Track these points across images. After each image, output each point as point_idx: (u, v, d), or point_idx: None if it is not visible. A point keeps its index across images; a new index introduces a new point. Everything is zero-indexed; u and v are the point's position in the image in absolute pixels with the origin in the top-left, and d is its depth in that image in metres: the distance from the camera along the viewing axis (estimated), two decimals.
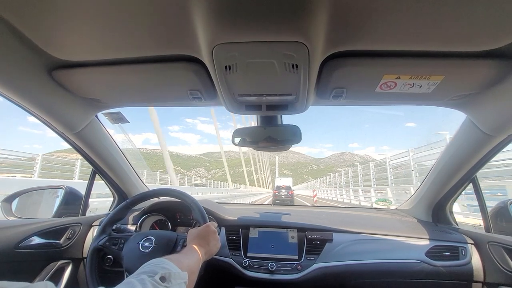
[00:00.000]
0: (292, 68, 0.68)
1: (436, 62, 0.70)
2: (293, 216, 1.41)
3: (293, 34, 0.57)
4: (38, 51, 0.68)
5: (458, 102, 0.91)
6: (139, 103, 1.06)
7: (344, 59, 0.72)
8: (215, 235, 0.94)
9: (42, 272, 1.07)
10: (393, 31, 0.59)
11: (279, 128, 1.13)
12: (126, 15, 0.56)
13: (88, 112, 1.07)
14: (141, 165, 11.09)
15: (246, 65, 0.68)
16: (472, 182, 1.20)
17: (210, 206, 1.36)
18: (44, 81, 0.82)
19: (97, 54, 0.71)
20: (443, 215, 1.36)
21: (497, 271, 1.01)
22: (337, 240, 1.20)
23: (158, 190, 1.17)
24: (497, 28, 0.57)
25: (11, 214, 1.22)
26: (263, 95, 0.86)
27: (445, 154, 1.20)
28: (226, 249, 1.20)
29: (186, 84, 0.85)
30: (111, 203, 1.59)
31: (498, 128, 0.91)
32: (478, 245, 1.13)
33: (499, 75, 0.73)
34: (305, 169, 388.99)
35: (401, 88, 0.81)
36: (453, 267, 1.09)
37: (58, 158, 10.74)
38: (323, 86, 0.83)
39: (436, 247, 1.15)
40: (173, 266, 0.63)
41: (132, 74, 0.81)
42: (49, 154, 20.62)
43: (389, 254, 1.15)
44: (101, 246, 1.00)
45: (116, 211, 1.09)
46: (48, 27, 0.60)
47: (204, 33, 0.58)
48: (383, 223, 1.39)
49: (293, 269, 1.13)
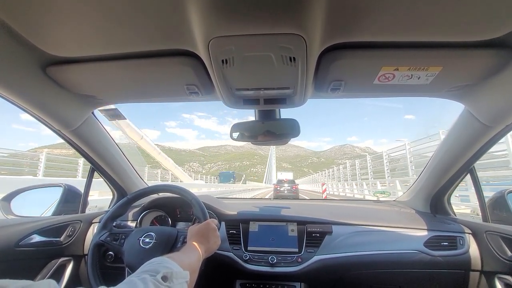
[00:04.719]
0: (289, 61, 0.68)
1: (434, 53, 0.70)
2: (292, 209, 1.42)
3: (290, 26, 0.56)
4: (31, 47, 0.67)
5: (457, 93, 0.91)
6: (136, 99, 1.05)
7: (342, 51, 0.71)
8: (216, 232, 0.94)
9: (44, 270, 1.08)
10: (391, 22, 0.58)
11: (277, 122, 1.12)
12: (120, 9, 0.54)
13: (84, 109, 1.06)
14: (139, 160, 11.00)
15: (243, 59, 0.68)
16: (470, 173, 1.20)
17: (210, 201, 1.37)
18: (39, 78, 0.81)
19: (91, 50, 0.70)
20: (441, 206, 1.37)
21: (494, 260, 1.03)
22: (336, 233, 1.21)
23: (159, 186, 1.17)
24: (495, 18, 0.56)
25: (11, 213, 1.21)
26: (260, 89, 0.86)
27: (443, 145, 1.21)
28: (227, 243, 1.21)
29: (182, 79, 0.84)
30: (111, 200, 1.59)
31: (496, 119, 0.91)
32: (476, 235, 1.14)
33: (498, 65, 0.73)
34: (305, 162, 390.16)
35: (399, 79, 0.81)
36: (451, 257, 1.11)
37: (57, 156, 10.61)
38: (321, 79, 0.82)
39: (434, 237, 1.16)
40: (175, 265, 0.62)
41: (128, 69, 0.80)
42: (32, 151, 20.21)
43: (388, 245, 1.16)
44: (102, 242, 1.00)
45: (117, 207, 1.09)
46: (41, 22, 0.59)
47: (200, 26, 0.57)
48: (382, 215, 1.40)
49: (293, 262, 1.14)
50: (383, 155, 12.00)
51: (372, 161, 13.88)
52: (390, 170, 11.55)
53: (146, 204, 1.37)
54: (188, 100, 1.02)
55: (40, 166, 7.95)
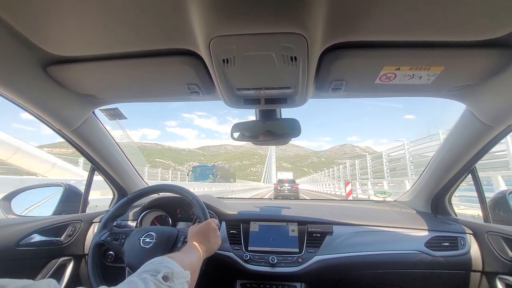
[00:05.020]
0: (290, 61, 0.68)
1: (436, 53, 0.69)
2: (293, 209, 1.41)
3: (291, 25, 0.56)
4: (32, 46, 0.67)
5: (458, 92, 0.91)
6: (136, 98, 1.05)
7: (343, 50, 0.71)
8: (216, 232, 0.94)
9: (44, 270, 1.08)
10: (392, 22, 0.58)
11: (278, 122, 1.12)
12: (121, 9, 0.54)
13: (84, 109, 1.06)
14: (139, 160, 10.81)
15: (244, 58, 0.67)
16: (471, 173, 1.20)
17: (210, 201, 1.36)
18: (39, 77, 0.81)
19: (92, 49, 0.70)
20: (442, 206, 1.37)
21: (495, 260, 1.03)
22: (337, 233, 1.21)
23: (159, 186, 1.17)
24: (497, 17, 0.56)
25: (11, 212, 1.21)
26: (261, 88, 0.86)
27: (444, 145, 1.21)
28: (227, 243, 1.21)
29: (183, 79, 0.84)
30: (111, 199, 1.59)
31: (498, 119, 0.91)
32: (477, 235, 1.14)
33: (500, 64, 0.72)
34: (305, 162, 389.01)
35: (400, 79, 0.80)
36: (452, 257, 1.10)
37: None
38: (322, 78, 0.82)
39: (435, 237, 1.16)
40: (176, 265, 0.62)
41: (128, 69, 0.79)
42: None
43: (389, 245, 1.16)
44: (103, 241, 1.00)
45: (117, 207, 1.09)
46: (42, 22, 0.58)
47: (201, 25, 0.57)
48: (383, 215, 1.40)
49: (294, 262, 1.14)
50: (382, 155, 12.00)
51: (372, 161, 13.85)
52: (389, 170, 11.55)
53: (146, 204, 1.37)
54: (189, 100, 1.01)
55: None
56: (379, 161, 12.61)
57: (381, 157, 12.23)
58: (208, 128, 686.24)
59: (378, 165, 13.00)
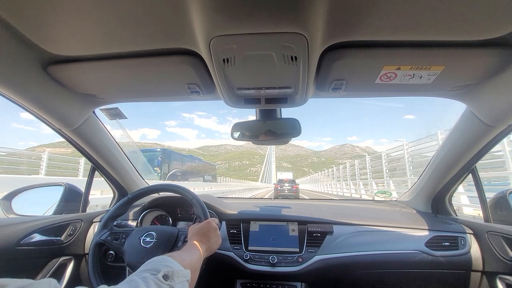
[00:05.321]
0: (291, 60, 0.67)
1: (436, 52, 0.69)
2: (293, 209, 1.41)
3: (292, 25, 0.56)
4: (32, 46, 0.67)
5: (459, 92, 0.91)
6: (136, 98, 1.05)
7: (344, 50, 0.71)
8: (216, 232, 0.94)
9: (44, 269, 1.08)
10: (393, 21, 0.58)
11: (278, 121, 1.12)
12: (121, 8, 0.54)
13: (85, 108, 1.06)
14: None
15: (245, 58, 0.67)
16: (472, 173, 1.20)
17: (211, 200, 1.36)
18: (40, 77, 0.81)
19: (92, 49, 0.70)
20: (442, 206, 1.37)
21: (496, 260, 1.03)
22: (337, 232, 1.21)
23: (159, 186, 1.17)
24: (498, 17, 0.56)
25: (11, 212, 1.21)
26: (262, 88, 0.85)
27: (444, 145, 1.20)
28: (227, 243, 1.21)
29: (183, 78, 0.84)
30: (111, 199, 1.59)
31: (498, 118, 0.91)
32: (477, 235, 1.14)
33: (501, 64, 0.72)
34: (305, 162, 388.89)
35: (401, 79, 0.80)
36: (453, 257, 1.10)
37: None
38: (322, 78, 0.82)
39: (435, 237, 1.16)
40: (176, 264, 0.62)
41: (128, 68, 0.79)
42: (30, 149, 19.27)
43: (389, 245, 1.16)
44: (103, 241, 1.00)
45: (118, 206, 1.09)
46: (42, 21, 0.58)
47: (201, 25, 0.57)
48: (383, 215, 1.40)
49: (294, 262, 1.14)
50: (382, 155, 11.99)
51: (371, 161, 13.84)
52: (389, 170, 11.53)
53: (146, 204, 1.37)
54: (189, 99, 1.01)
55: (42, 165, 7.91)
56: (379, 162, 12.60)
57: (380, 157, 12.22)
58: (208, 128, 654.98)
59: (378, 165, 12.99)
